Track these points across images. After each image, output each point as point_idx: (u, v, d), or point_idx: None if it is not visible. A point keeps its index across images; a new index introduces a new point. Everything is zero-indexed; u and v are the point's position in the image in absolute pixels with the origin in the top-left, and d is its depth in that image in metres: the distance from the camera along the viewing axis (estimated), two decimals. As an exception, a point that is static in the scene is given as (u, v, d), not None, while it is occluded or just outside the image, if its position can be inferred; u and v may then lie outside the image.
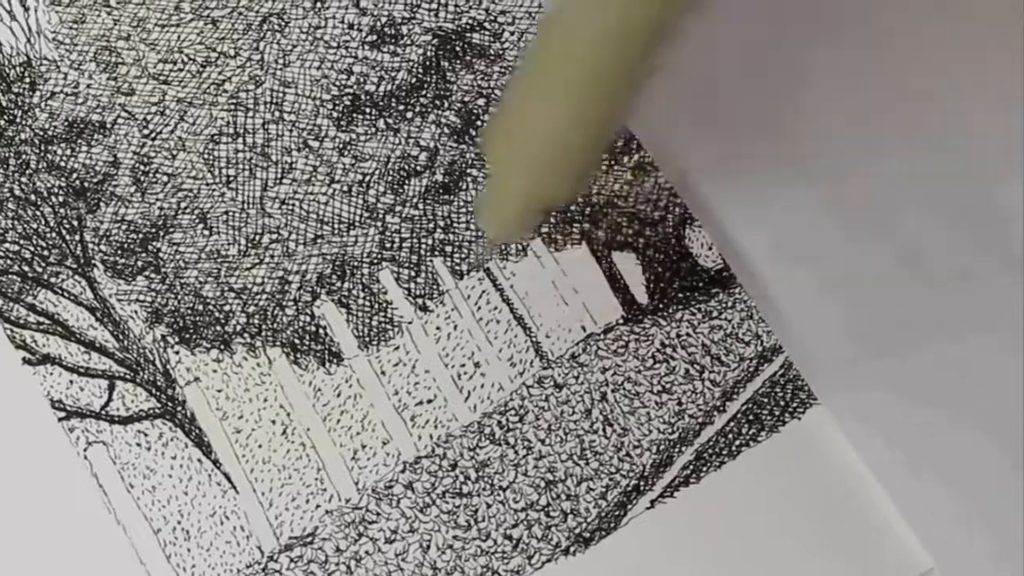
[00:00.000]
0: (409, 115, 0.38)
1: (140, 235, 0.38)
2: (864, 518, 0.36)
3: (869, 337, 0.36)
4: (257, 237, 0.38)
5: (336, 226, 0.38)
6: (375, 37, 0.39)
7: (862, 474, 0.36)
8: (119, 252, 0.38)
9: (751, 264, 0.37)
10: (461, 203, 0.38)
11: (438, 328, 0.37)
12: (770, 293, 0.36)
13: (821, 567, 0.35)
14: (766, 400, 0.36)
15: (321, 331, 0.37)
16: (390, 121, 0.38)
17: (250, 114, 0.38)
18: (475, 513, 0.36)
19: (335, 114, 0.38)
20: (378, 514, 0.36)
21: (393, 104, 0.39)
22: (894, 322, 0.36)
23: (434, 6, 0.39)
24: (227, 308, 0.37)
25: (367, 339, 0.37)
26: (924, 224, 0.36)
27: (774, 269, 0.36)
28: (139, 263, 0.38)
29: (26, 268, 0.37)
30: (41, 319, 0.37)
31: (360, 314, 0.38)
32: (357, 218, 0.38)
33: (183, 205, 0.38)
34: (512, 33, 0.39)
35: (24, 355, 0.37)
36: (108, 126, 0.38)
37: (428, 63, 0.39)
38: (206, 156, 0.38)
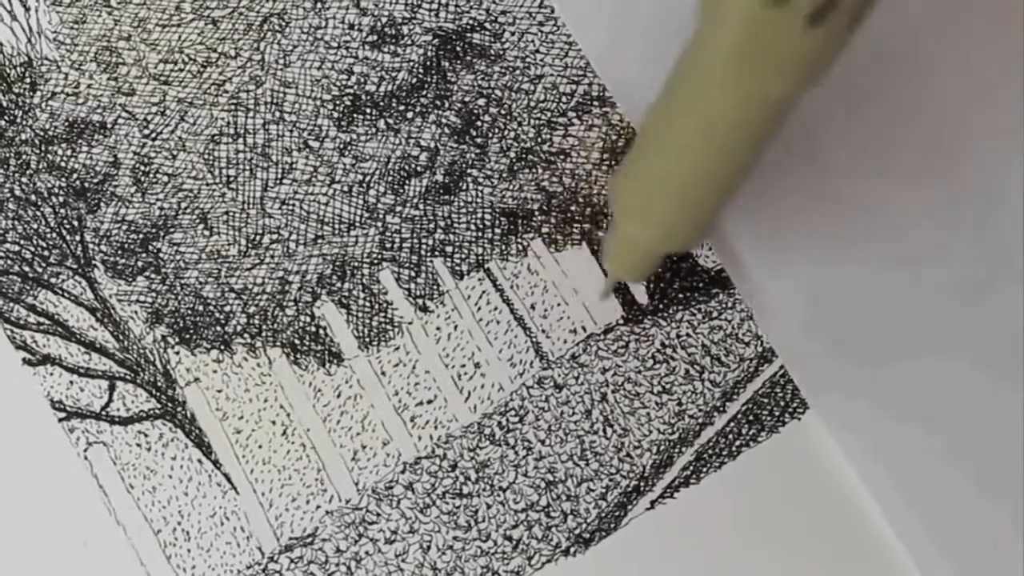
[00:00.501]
0: (409, 115, 0.38)
1: (140, 235, 0.38)
2: (864, 520, 0.36)
3: (860, 346, 0.36)
4: (257, 237, 0.38)
5: (336, 226, 0.38)
6: (375, 37, 0.39)
7: (860, 476, 0.36)
8: (119, 252, 0.38)
9: (746, 267, 0.37)
10: (461, 203, 0.38)
11: (438, 328, 0.37)
12: (765, 297, 0.36)
13: (821, 569, 0.35)
14: (766, 401, 0.36)
15: (321, 331, 0.37)
16: (390, 121, 0.38)
17: (250, 114, 0.38)
18: (475, 514, 0.36)
19: (335, 114, 0.38)
20: (378, 515, 0.36)
21: (393, 104, 0.39)
22: (887, 332, 0.36)
23: (434, 6, 0.39)
24: (227, 308, 0.37)
25: (367, 339, 0.37)
26: (925, 233, 0.36)
27: (770, 272, 0.36)
28: (139, 263, 0.38)
29: (26, 268, 0.37)
30: (41, 319, 0.37)
31: (360, 314, 0.38)
32: (357, 218, 0.38)
33: (183, 205, 0.38)
34: (513, 33, 0.39)
35: (24, 355, 0.37)
36: (108, 126, 0.38)
37: (428, 63, 0.39)
38: (206, 156, 0.38)
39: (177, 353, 0.37)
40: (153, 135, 0.38)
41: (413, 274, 0.38)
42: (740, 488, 0.36)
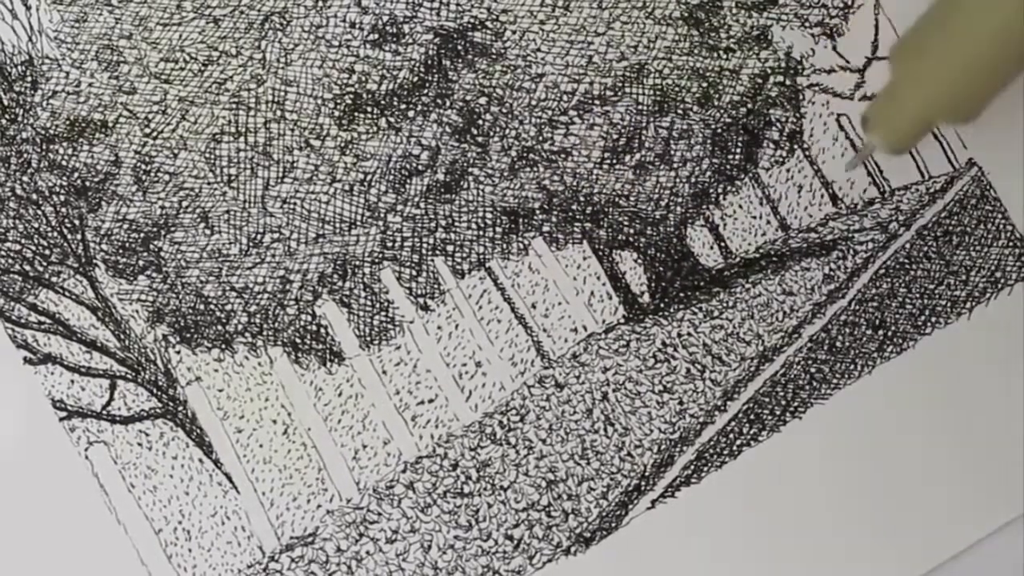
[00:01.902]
0: (411, 114, 0.38)
1: (141, 234, 0.38)
2: (864, 519, 0.36)
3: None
4: (258, 236, 0.38)
5: (338, 225, 0.38)
6: (377, 36, 0.39)
7: (861, 475, 0.36)
8: (120, 251, 0.38)
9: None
10: (463, 202, 0.38)
11: (439, 328, 0.37)
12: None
13: (823, 568, 0.35)
14: (767, 400, 0.36)
15: (322, 330, 0.37)
16: (391, 120, 0.38)
17: (252, 113, 0.38)
18: (476, 513, 0.36)
19: (336, 113, 0.38)
20: (379, 514, 0.36)
21: (395, 103, 0.38)
22: None
23: (436, 5, 0.39)
24: (228, 307, 0.37)
25: (368, 338, 0.37)
26: None
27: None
28: (140, 262, 0.38)
29: (27, 267, 0.37)
30: (42, 318, 0.37)
31: (361, 313, 0.38)
32: (359, 217, 0.38)
33: (185, 204, 0.38)
34: (514, 32, 0.39)
35: (25, 355, 0.37)
36: (110, 125, 0.38)
37: (430, 62, 0.39)
38: (208, 155, 0.38)
39: (178, 352, 0.37)
40: (154, 134, 0.38)
41: (414, 273, 0.38)
42: (741, 487, 0.36)
